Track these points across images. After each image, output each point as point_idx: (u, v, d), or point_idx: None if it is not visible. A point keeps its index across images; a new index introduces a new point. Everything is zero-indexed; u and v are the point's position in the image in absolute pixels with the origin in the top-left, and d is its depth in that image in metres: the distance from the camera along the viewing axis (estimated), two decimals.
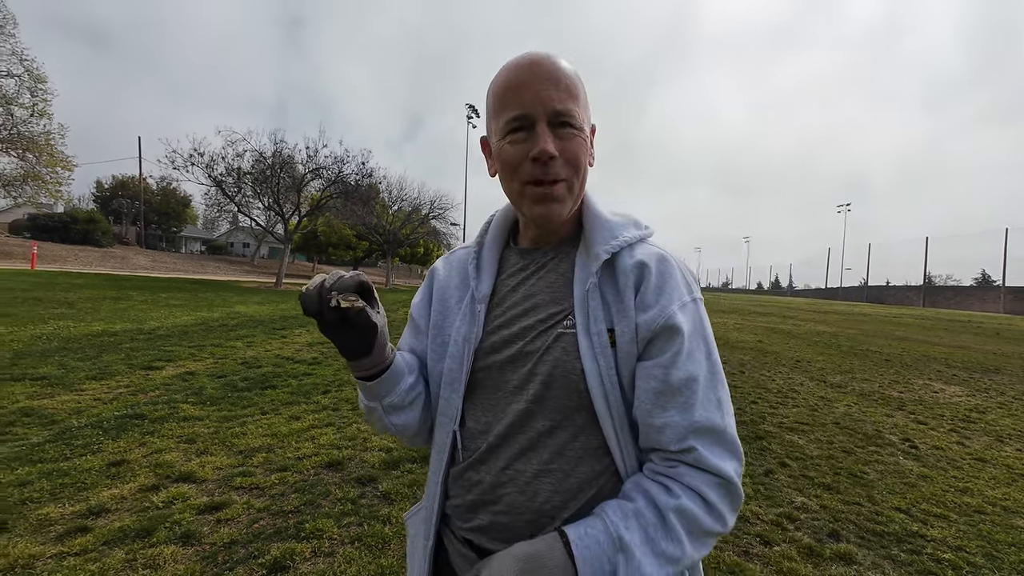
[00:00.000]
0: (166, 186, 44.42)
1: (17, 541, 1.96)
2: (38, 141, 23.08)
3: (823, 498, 2.80)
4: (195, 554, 1.97)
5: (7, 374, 4.36)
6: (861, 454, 3.59)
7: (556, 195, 0.65)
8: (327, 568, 1.93)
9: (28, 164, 23.14)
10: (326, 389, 4.62)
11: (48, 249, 25.68)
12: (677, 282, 0.65)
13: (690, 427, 0.60)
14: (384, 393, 0.70)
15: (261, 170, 20.62)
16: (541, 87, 0.62)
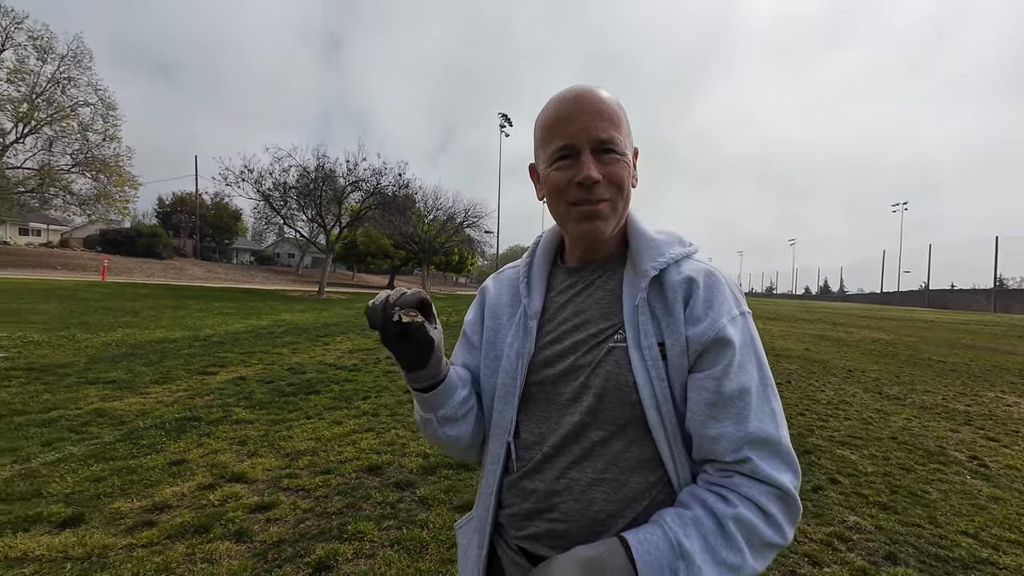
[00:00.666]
0: (219, 201, 47.37)
1: (93, 532, 2.14)
2: (109, 163, 25.18)
3: (879, 518, 2.64)
4: (247, 551, 2.09)
5: (83, 378, 4.77)
6: (922, 472, 3.35)
7: (600, 213, 0.69)
8: (368, 570, 2.00)
9: (100, 184, 25.27)
10: (366, 395, 4.77)
11: (117, 262, 27.87)
12: (726, 296, 0.67)
13: (744, 438, 0.61)
14: (439, 405, 0.73)
15: (305, 184, 21.62)
16: (586, 118, 0.67)
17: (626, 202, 0.72)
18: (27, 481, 2.57)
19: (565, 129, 0.68)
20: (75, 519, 2.23)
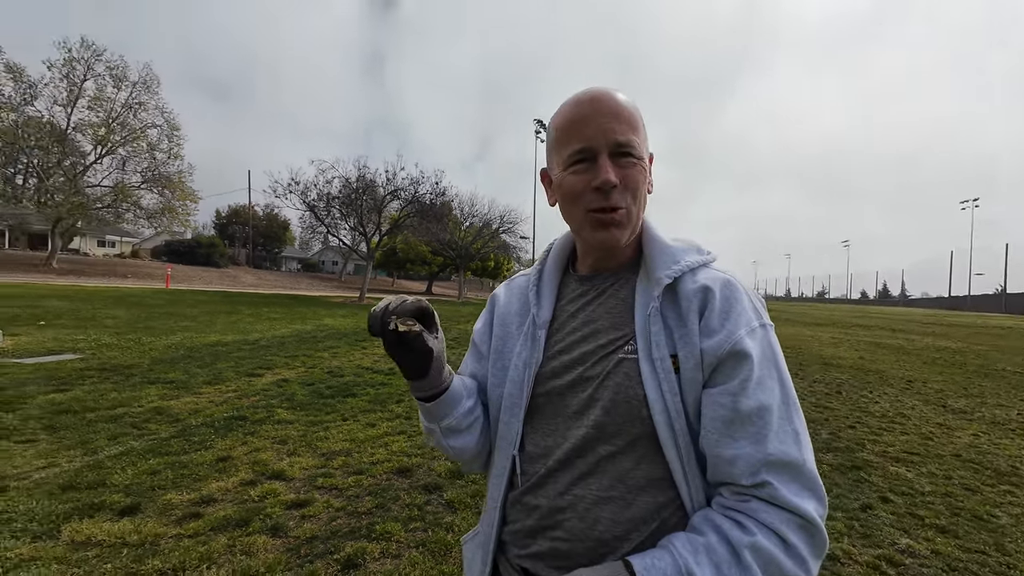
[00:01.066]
0: (270, 212, 50.17)
1: (147, 521, 2.32)
2: (173, 179, 27.27)
3: (935, 542, 2.43)
4: (282, 545, 2.19)
5: (146, 378, 5.17)
6: (990, 493, 3.06)
7: (617, 220, 0.66)
8: (393, 569, 2.05)
9: (165, 199, 27.39)
10: (399, 399, 4.90)
11: (179, 270, 30.01)
12: (744, 307, 0.63)
13: (763, 460, 0.57)
14: (442, 415, 0.72)
15: (347, 194, 22.52)
16: (603, 121, 0.65)
17: (641, 208, 0.69)
18: (94, 472, 2.82)
19: (582, 132, 0.66)
20: (132, 508, 2.42)
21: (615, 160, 0.65)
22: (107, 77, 25.59)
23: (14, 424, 3.54)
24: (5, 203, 25.41)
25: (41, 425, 3.56)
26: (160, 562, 2.00)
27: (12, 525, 2.22)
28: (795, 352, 9.70)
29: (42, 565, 1.94)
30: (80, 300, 12.66)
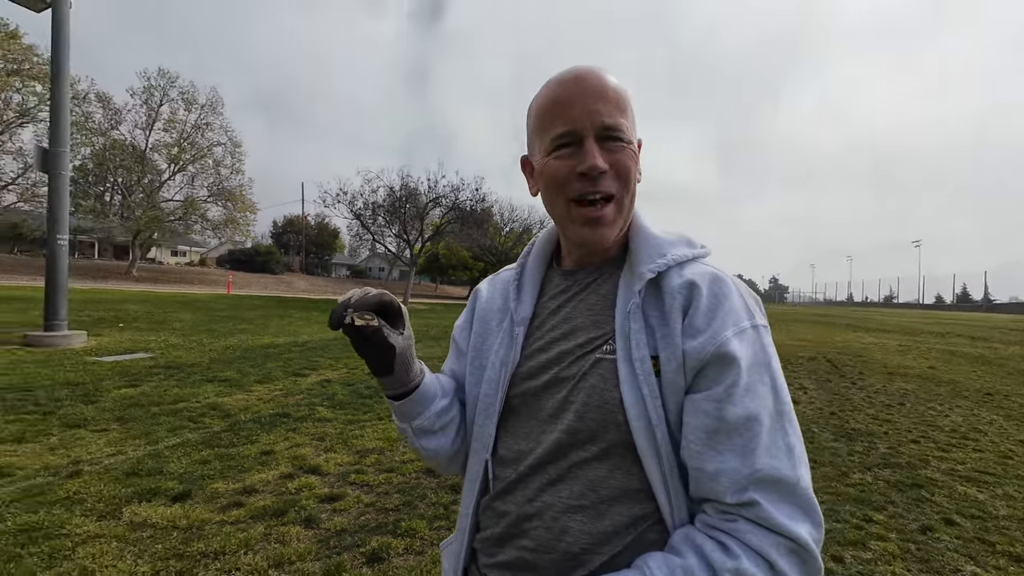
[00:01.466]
0: (321, 221, 52.92)
1: (196, 507, 2.50)
2: (235, 193, 29.33)
3: (1008, 571, 2.18)
4: (314, 536, 2.30)
5: (204, 376, 5.58)
6: None
7: (605, 218, 0.62)
8: (416, 565, 2.10)
9: (228, 211, 29.50)
10: None
11: (240, 277, 32.18)
12: (734, 305, 0.58)
13: (751, 476, 0.52)
14: (413, 415, 0.68)
15: (391, 203, 23.37)
16: (589, 102, 0.60)
17: (632, 198, 0.64)
18: (153, 460, 3.07)
19: (566, 113, 0.60)
20: (183, 495, 2.62)
21: (602, 144, 0.60)
22: (179, 101, 28.06)
23: (91, 415, 3.92)
24: (95, 218, 28.33)
25: (113, 416, 3.92)
26: (204, 545, 2.15)
27: (83, 505, 2.46)
28: (855, 360, 9.03)
29: (104, 542, 2.14)
30: (154, 304, 13.86)
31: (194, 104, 28.36)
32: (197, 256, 47.48)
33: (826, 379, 6.97)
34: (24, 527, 2.22)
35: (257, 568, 2.02)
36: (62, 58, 7.43)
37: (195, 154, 28.64)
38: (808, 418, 4.82)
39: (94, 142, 26.06)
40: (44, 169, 7.31)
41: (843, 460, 3.60)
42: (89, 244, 38.15)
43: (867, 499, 2.92)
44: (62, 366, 5.64)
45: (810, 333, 14.99)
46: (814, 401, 5.57)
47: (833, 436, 4.23)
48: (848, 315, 30.98)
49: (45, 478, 2.75)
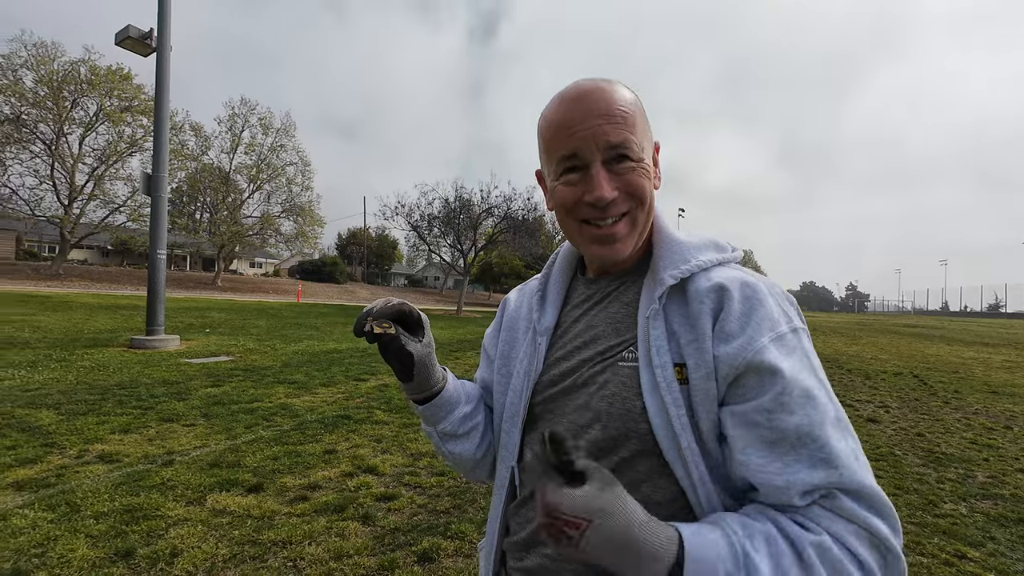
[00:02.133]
0: (381, 233, 55.63)
1: (267, 499, 2.72)
2: (305, 208, 31.62)
3: None
4: (370, 533, 2.42)
5: (276, 378, 6.05)
6: None
7: (616, 235, 0.61)
8: (464, 567, 2.15)
9: (299, 225, 31.83)
10: None
11: (308, 286, 34.49)
12: (769, 308, 0.55)
13: (826, 484, 0.49)
14: (436, 420, 0.70)
15: (446, 214, 24.14)
16: (593, 122, 0.58)
17: (649, 212, 0.63)
18: (232, 454, 3.38)
19: (571, 136, 0.59)
20: (257, 487, 2.86)
21: (610, 167, 0.59)
22: (258, 126, 30.84)
23: (182, 411, 4.38)
24: (187, 234, 31.67)
25: (200, 413, 4.36)
26: (273, 535, 2.34)
27: (175, 491, 2.76)
28: (949, 377, 8.08)
29: (191, 525, 2.39)
30: (234, 312, 15.21)
31: (270, 128, 31.07)
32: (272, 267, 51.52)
33: (914, 397, 6.30)
34: (128, 508, 2.53)
35: (319, 559, 2.16)
36: (164, 95, 8.45)
37: (271, 174, 31.27)
38: (890, 440, 4.39)
39: (188, 167, 29.21)
40: (148, 192, 8.32)
41: (931, 488, 3.24)
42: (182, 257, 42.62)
43: (961, 533, 2.61)
44: (159, 367, 6.34)
45: (895, 345, 13.59)
46: (897, 421, 5.05)
47: (920, 461, 3.82)
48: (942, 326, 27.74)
49: (145, 465, 3.12)
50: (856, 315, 61.46)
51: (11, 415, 3.96)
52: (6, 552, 2.09)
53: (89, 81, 22.88)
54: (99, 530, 2.30)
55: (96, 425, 3.82)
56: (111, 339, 8.30)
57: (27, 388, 4.86)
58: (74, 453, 3.26)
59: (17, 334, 8.10)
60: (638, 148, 0.60)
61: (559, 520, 0.43)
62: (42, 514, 2.41)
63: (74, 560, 2.06)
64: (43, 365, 5.97)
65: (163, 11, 8.39)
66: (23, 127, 22.04)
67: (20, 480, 2.80)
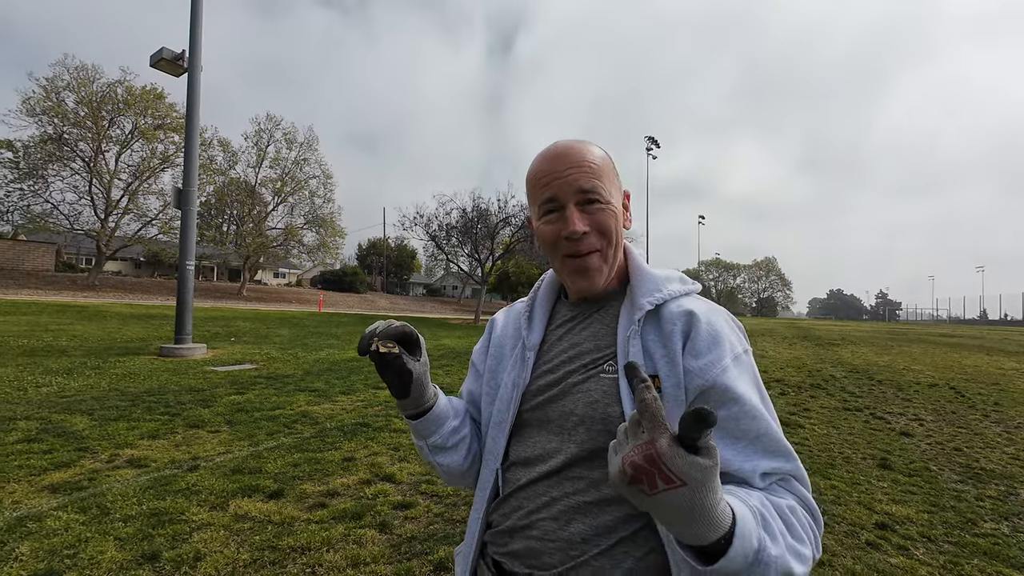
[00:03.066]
0: (400, 243, 56.44)
1: (287, 505, 2.76)
2: (327, 220, 32.33)
3: None
4: (387, 540, 2.43)
5: (298, 386, 6.16)
6: None
7: (591, 266, 0.72)
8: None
9: (321, 236, 32.54)
10: None
11: (329, 296, 35.12)
12: (727, 333, 0.69)
13: (779, 469, 0.64)
14: (427, 433, 0.78)
15: (464, 224, 24.36)
16: (568, 173, 0.70)
17: (617, 247, 0.75)
18: (254, 460, 3.45)
19: (550, 183, 0.71)
20: (277, 493, 2.91)
21: (583, 208, 0.71)
22: (283, 141, 31.79)
23: (208, 417, 4.50)
24: (215, 246, 32.70)
25: (224, 419, 4.46)
26: (292, 540, 2.37)
27: (199, 496, 2.83)
28: (989, 389, 7.70)
29: (214, 529, 2.44)
30: (259, 321, 15.58)
31: (294, 143, 32.00)
32: (295, 277, 52.72)
33: (950, 410, 6.02)
34: (154, 511, 2.60)
35: (337, 566, 2.18)
36: (194, 113, 8.82)
37: (294, 187, 32.13)
38: (925, 454, 4.20)
39: (216, 180, 30.27)
40: (178, 205, 8.65)
41: (970, 506, 3.08)
42: (210, 268, 44.00)
43: (1002, 554, 2.47)
44: (187, 374, 6.53)
45: (929, 355, 13.04)
46: (932, 435, 4.83)
47: (958, 477, 3.64)
48: (981, 335, 26.54)
49: (171, 470, 3.20)
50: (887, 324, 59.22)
51: (48, 420, 4.13)
52: (41, 552, 2.17)
53: (125, 101, 24.03)
54: (127, 533, 2.37)
55: (126, 431, 3.96)
56: (142, 347, 8.60)
57: (63, 394, 5.07)
58: (105, 457, 3.38)
59: (55, 342, 8.47)
60: (606, 193, 0.72)
61: (657, 469, 0.46)
62: (74, 516, 2.50)
63: (103, 561, 2.12)
64: (79, 372, 6.22)
65: (194, 34, 8.79)
66: (64, 146, 23.23)
67: (55, 483, 2.92)
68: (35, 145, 22.69)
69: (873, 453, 4.16)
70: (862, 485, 3.41)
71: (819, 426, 5.07)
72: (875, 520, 2.85)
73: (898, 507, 3.04)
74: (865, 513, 2.94)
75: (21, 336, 8.78)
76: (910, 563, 2.38)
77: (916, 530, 2.74)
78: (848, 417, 5.52)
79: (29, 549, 2.18)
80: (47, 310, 13.60)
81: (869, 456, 4.09)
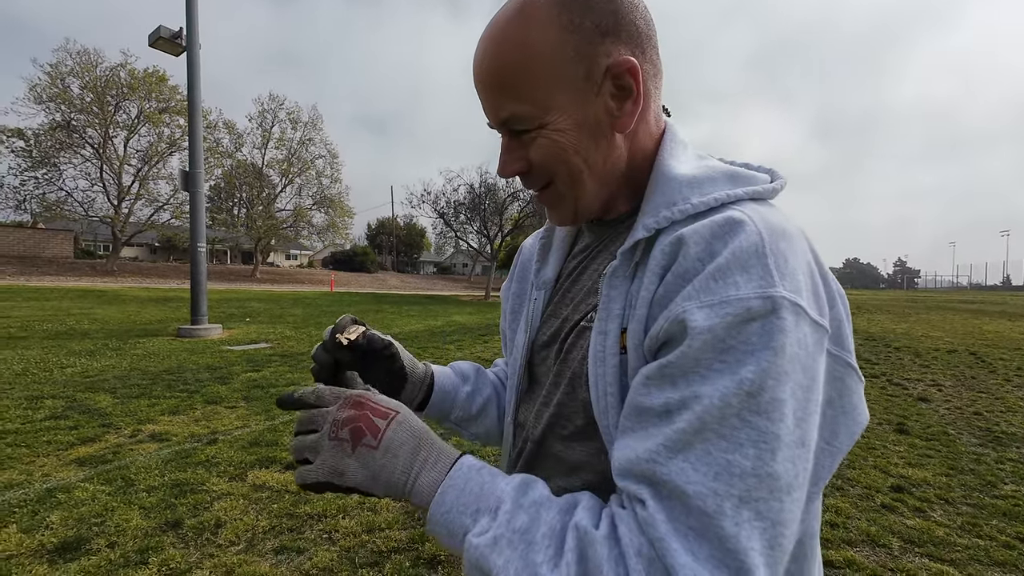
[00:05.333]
0: (409, 222, 56.38)
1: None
2: (335, 200, 32.32)
3: None
4: (400, 508, 2.48)
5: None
6: None
7: (550, 203, 0.54)
8: None
9: (330, 217, 32.60)
10: None
11: (340, 276, 35.47)
12: (728, 265, 0.39)
13: (646, 469, 0.38)
14: (447, 411, 0.68)
15: (472, 200, 24.18)
16: (486, 96, 0.50)
17: (577, 180, 0.51)
18: (271, 433, 3.52)
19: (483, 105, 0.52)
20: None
21: (514, 138, 0.51)
22: (287, 121, 31.54)
23: (225, 394, 4.60)
24: (227, 229, 33.01)
25: (241, 396, 4.56)
26: (309, 508, 2.42)
27: (219, 467, 2.90)
28: (1011, 354, 7.54)
29: (233, 499, 2.51)
30: (272, 302, 15.82)
31: (299, 123, 31.72)
32: (306, 259, 53.25)
33: (970, 376, 5.91)
34: (176, 482, 2.68)
35: (352, 531, 2.23)
36: (196, 92, 8.72)
37: (301, 167, 32.04)
38: (943, 419, 4.13)
39: (223, 163, 30.30)
40: (185, 188, 8.67)
41: (990, 468, 3.04)
42: (223, 251, 44.58)
43: (1022, 515, 2.43)
44: (204, 354, 6.68)
45: (948, 322, 12.77)
46: (951, 400, 4.75)
47: (978, 440, 3.58)
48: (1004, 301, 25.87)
49: (191, 444, 3.29)
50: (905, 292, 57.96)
51: (73, 399, 4.26)
52: (70, 521, 2.26)
53: (129, 85, 23.93)
54: (151, 502, 2.45)
55: (148, 407, 4.07)
56: (160, 329, 8.79)
57: (87, 375, 5.22)
58: (128, 432, 3.48)
59: (78, 326, 8.70)
60: (532, 114, 0.47)
61: (371, 407, 0.47)
62: (101, 487, 2.59)
63: (129, 529, 2.20)
64: (101, 353, 6.39)
65: (191, 12, 8.61)
66: (73, 132, 23.35)
67: (82, 457, 3.02)
68: (45, 133, 22.85)
69: (889, 418, 4.11)
70: (878, 450, 3.38)
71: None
72: (891, 483, 2.82)
73: (915, 470, 3.00)
74: (880, 477, 2.92)
75: (46, 320, 9.03)
76: (926, 524, 2.36)
77: (933, 492, 2.71)
78: (865, 384, 5.45)
79: (59, 518, 2.27)
80: (69, 295, 13.95)
81: (885, 421, 4.04)
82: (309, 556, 2.05)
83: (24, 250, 24.38)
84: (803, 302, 0.39)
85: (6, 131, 22.14)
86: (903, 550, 2.18)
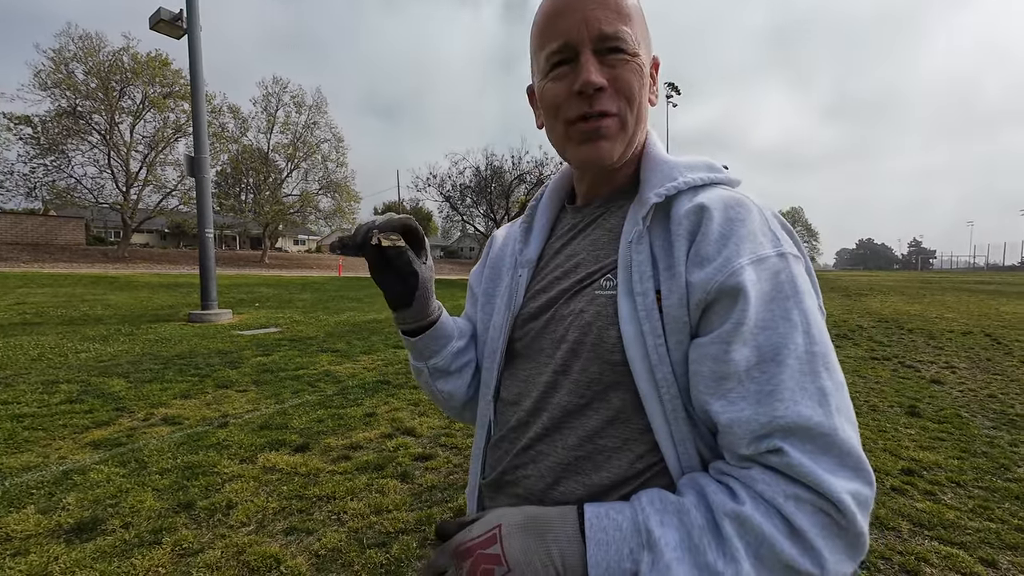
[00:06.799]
0: (415, 206, 56.17)
1: (312, 458, 2.86)
2: (341, 184, 32.22)
3: None
4: (408, 490, 2.50)
5: (320, 347, 6.31)
6: None
7: (604, 131, 0.54)
8: None
9: (336, 201, 32.56)
10: None
11: (349, 261, 35.45)
12: (753, 229, 0.49)
13: (770, 424, 0.43)
14: (429, 353, 0.68)
15: (478, 183, 24.01)
16: (586, 9, 0.53)
17: (639, 119, 0.57)
18: (280, 417, 3.57)
19: (560, 26, 0.54)
20: (303, 447, 3.01)
21: (601, 57, 0.53)
22: (291, 105, 31.28)
23: (236, 378, 4.66)
24: (235, 215, 33.14)
25: (251, 380, 4.62)
26: (318, 490, 2.46)
27: (229, 450, 2.95)
28: None
29: (244, 481, 2.55)
30: (281, 287, 15.94)
31: (303, 106, 31.46)
32: (314, 244, 53.48)
33: (985, 357, 5.81)
34: (188, 464, 2.72)
35: (360, 513, 2.26)
36: (198, 75, 8.64)
37: (307, 152, 31.89)
38: (956, 401, 4.07)
39: (229, 149, 30.24)
40: (192, 173, 8.66)
41: (1003, 451, 2.99)
42: (232, 237, 44.91)
43: None
44: (215, 338, 6.76)
45: (963, 303, 12.54)
46: (965, 382, 4.68)
47: (992, 423, 3.53)
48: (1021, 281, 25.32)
49: (203, 427, 3.34)
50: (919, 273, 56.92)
51: (88, 383, 4.34)
52: (86, 502, 2.31)
53: (132, 70, 23.80)
54: (163, 484, 2.49)
55: (160, 391, 4.13)
56: (171, 314, 8.91)
57: (100, 359, 5.31)
58: (141, 416, 3.54)
59: (91, 311, 8.83)
60: (633, 42, 0.55)
61: (473, 544, 0.45)
62: (115, 469, 2.64)
63: (142, 510, 2.24)
64: (114, 339, 6.49)
65: None
66: (80, 119, 23.37)
67: (96, 440, 3.08)
68: (52, 119, 22.89)
69: (901, 401, 4.06)
70: (888, 432, 3.34)
71: (844, 375, 4.97)
72: (901, 466, 2.79)
73: (926, 453, 2.97)
74: (891, 460, 2.89)
75: (60, 307, 9.18)
76: (937, 507, 2.34)
77: (944, 476, 2.68)
78: (875, 366, 5.38)
79: (75, 499, 2.32)
80: (82, 282, 14.15)
81: (896, 404, 3.99)
82: (318, 537, 2.08)
83: (37, 237, 24.69)
84: (796, 252, 0.51)
85: (13, 118, 22.21)
86: (912, 533, 2.16)
